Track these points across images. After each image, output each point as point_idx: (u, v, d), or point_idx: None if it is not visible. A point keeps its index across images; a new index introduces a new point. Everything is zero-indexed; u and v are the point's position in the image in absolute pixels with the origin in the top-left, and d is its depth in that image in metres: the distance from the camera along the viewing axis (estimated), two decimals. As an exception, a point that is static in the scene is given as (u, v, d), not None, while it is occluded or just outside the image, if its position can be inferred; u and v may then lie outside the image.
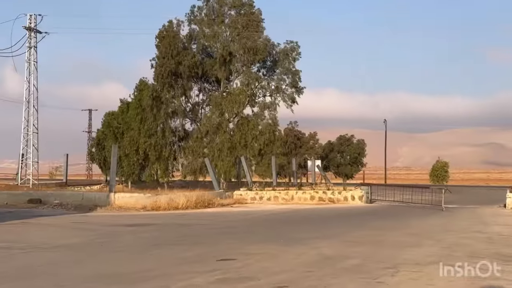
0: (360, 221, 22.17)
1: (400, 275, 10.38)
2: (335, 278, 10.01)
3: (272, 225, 20.66)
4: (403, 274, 10.50)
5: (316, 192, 33.85)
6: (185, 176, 51.04)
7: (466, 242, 14.99)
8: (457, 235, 16.86)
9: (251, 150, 45.78)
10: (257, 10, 47.34)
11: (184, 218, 22.96)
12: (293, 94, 47.50)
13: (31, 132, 49.87)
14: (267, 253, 12.88)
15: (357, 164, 77.00)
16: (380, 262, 11.59)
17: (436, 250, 13.44)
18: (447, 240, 15.47)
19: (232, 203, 32.11)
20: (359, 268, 11.03)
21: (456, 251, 13.30)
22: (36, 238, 15.97)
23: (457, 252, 13.05)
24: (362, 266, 11.22)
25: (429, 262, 11.62)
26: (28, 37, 49.14)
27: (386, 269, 10.91)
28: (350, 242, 15.01)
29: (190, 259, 12.18)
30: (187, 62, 45.21)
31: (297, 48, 47.57)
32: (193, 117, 48.50)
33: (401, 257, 12.26)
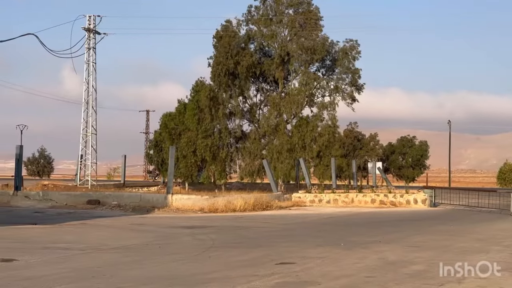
0: (424, 225, 21.56)
1: (467, 282, 9.95)
2: (398, 284, 9.64)
3: (332, 229, 20.26)
4: (470, 281, 10.06)
5: (377, 195, 33.22)
6: (242, 178, 50.98)
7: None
8: (527, 241, 16.15)
9: (310, 151, 45.38)
10: (315, 8, 46.86)
11: (242, 221, 22.78)
12: (352, 93, 46.86)
13: (89, 133, 50.62)
14: (327, 257, 12.55)
15: (420, 167, 75.50)
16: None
17: (504, 256, 12.87)
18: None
19: (290, 205, 31.82)
20: (423, 274, 10.62)
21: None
22: (95, 239, 16.02)
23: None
24: (427, 272, 10.80)
25: (497, 269, 11.05)
26: (87, 38, 49.90)
27: (451, 276, 10.43)
28: (413, 246, 14.52)
29: (248, 262, 11.96)
30: (245, 62, 45.09)
31: (357, 46, 46.88)
32: (250, 118, 48.37)
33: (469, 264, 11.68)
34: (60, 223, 20.52)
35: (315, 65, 47.43)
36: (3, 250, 13.12)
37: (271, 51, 47.72)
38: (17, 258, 11.96)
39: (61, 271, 10.57)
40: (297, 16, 46.29)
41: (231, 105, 46.77)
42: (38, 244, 14.43)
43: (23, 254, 12.54)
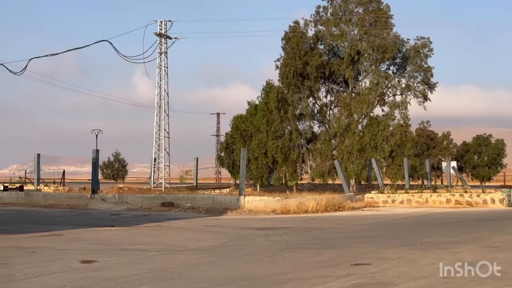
0: (502, 225, 20.95)
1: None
2: (478, 285, 9.39)
3: (407, 229, 19.93)
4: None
5: (452, 195, 32.53)
6: (313, 178, 50.87)
7: None
8: None
9: (382, 151, 44.93)
10: (385, 6, 46.40)
11: (314, 222, 22.70)
12: (425, 91, 46.11)
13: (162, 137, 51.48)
14: (403, 258, 12.36)
15: (496, 166, 73.46)
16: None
17: None
18: None
19: (363, 206, 31.54)
20: (502, 275, 10.29)
21: None
22: (170, 240, 16.27)
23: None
24: (506, 273, 10.47)
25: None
26: (158, 43, 50.78)
27: None
28: (492, 247, 14.12)
29: (323, 263, 11.91)
30: (314, 62, 45.01)
31: (428, 44, 46.17)
32: (320, 119, 48.24)
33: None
34: (136, 225, 20.95)
35: (385, 64, 46.93)
36: (83, 252, 13.49)
37: (341, 51, 47.49)
38: (97, 259, 12.27)
39: (140, 272, 10.79)
40: (366, 15, 45.88)
41: (300, 106, 46.76)
42: (116, 246, 14.76)
43: (102, 255, 12.85)
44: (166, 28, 50.78)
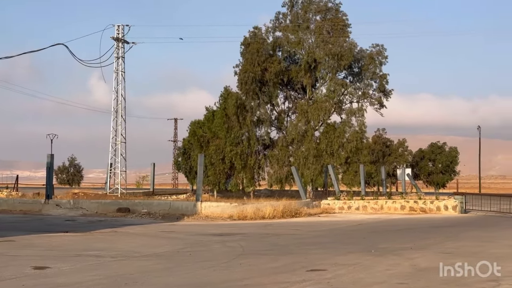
0: (455, 231, 21.31)
1: (504, 285, 9.85)
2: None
3: (362, 235, 20.13)
4: (506, 287, 9.89)
5: (407, 202, 32.94)
6: (271, 185, 50.98)
7: None
8: (561, 247, 15.89)
9: (338, 158, 45.28)
10: (342, 14, 46.83)
11: (271, 228, 22.76)
12: (380, 98, 46.70)
13: (119, 142, 50.98)
14: (358, 264, 12.48)
15: (449, 173, 74.82)
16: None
17: (539, 263, 12.64)
18: (549, 252, 14.58)
19: (319, 212, 31.72)
20: (457, 281, 10.48)
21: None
22: (126, 246, 16.12)
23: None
24: (460, 279, 10.65)
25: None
26: (115, 47, 50.33)
27: (486, 282, 10.34)
28: (445, 253, 14.36)
29: (279, 269, 11.94)
30: (273, 68, 45.16)
31: (383, 51, 46.79)
32: (278, 125, 48.43)
33: (505, 270, 11.55)
34: (91, 231, 20.69)
35: (342, 72, 47.37)
36: (36, 258, 13.26)
37: (299, 58, 47.74)
38: (50, 265, 12.08)
39: (94, 278, 10.66)
40: (324, 23, 46.26)
41: (259, 113, 46.84)
42: (70, 252, 14.57)
43: (55, 261, 12.66)
44: (123, 33, 50.36)
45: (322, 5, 46.87)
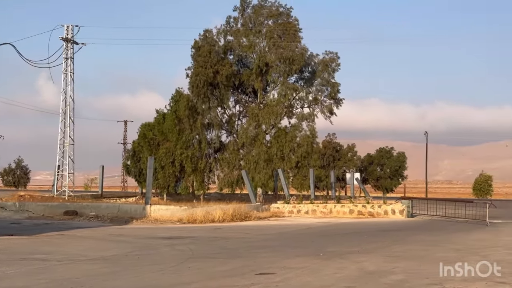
0: (402, 235, 21.67)
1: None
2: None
3: (311, 239, 20.29)
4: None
5: (355, 206, 33.33)
6: (221, 188, 50.88)
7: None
8: (503, 251, 16.31)
9: (288, 162, 45.44)
10: (294, 19, 47.05)
11: (220, 231, 22.74)
12: (331, 106, 47.05)
13: (67, 144, 50.13)
14: (307, 267, 12.56)
15: (397, 177, 75.99)
16: (424, 278, 11.22)
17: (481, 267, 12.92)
18: (493, 256, 14.89)
19: (269, 216, 31.81)
20: (402, 284, 10.69)
21: (503, 267, 12.76)
22: (73, 250, 15.89)
23: (504, 269, 12.52)
24: (406, 282, 10.87)
25: (476, 279, 11.18)
26: (65, 48, 49.49)
27: (431, 285, 10.57)
28: (392, 257, 14.58)
29: (228, 272, 11.94)
30: (225, 72, 45.05)
31: (336, 59, 47.13)
32: (229, 129, 48.36)
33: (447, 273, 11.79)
34: (37, 234, 20.32)
35: (294, 76, 47.59)
36: (-20, 261, 12.97)
37: (250, 61, 47.77)
38: (-6, 269, 11.83)
39: (39, 282, 10.48)
40: (276, 27, 46.44)
41: (210, 116, 46.68)
42: (15, 255, 14.28)
43: (0, 265, 12.39)
44: (73, 33, 49.54)
45: (274, 10, 47.02)
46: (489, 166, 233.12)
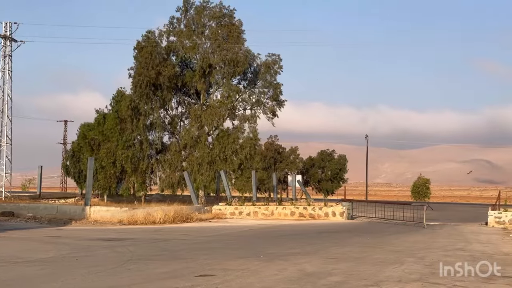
0: (341, 237, 21.94)
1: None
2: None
3: (252, 241, 20.35)
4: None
5: (296, 208, 33.58)
6: (162, 189, 50.55)
7: (448, 260, 14.77)
8: (439, 253, 16.69)
9: (231, 164, 45.44)
10: (237, 21, 47.05)
11: (161, 233, 22.59)
12: (274, 107, 47.29)
13: (4, 144, 49.01)
14: (247, 269, 12.60)
15: (338, 180, 76.90)
16: (362, 279, 11.39)
17: (418, 268, 13.25)
18: (429, 258, 15.27)
19: (210, 218, 31.78)
20: (340, 285, 10.83)
21: (438, 268, 13.09)
22: (9, 252, 15.53)
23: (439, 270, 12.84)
24: (344, 283, 11.01)
25: (412, 280, 11.46)
26: (3, 45, 48.39)
27: (368, 286, 10.74)
28: (331, 258, 14.75)
29: (168, 274, 11.87)
30: (167, 72, 44.70)
31: (279, 61, 47.39)
32: (171, 130, 48.04)
33: (383, 275, 12.05)
34: (-28, 235, 19.78)
35: (237, 78, 47.59)
36: None
37: (193, 63, 47.55)
38: None
39: (-28, 285, 10.21)
40: (219, 29, 46.37)
41: (152, 117, 46.29)
42: None
43: None
44: (11, 30, 48.47)
45: (217, 11, 46.91)
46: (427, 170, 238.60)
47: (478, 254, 16.43)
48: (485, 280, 11.60)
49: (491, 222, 30.35)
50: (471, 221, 33.81)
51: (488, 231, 27.18)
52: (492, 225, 30.08)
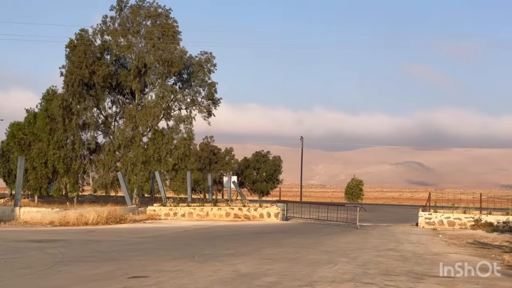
0: (276, 238, 22.01)
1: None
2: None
3: (187, 242, 20.19)
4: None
5: (231, 209, 33.58)
6: (95, 190, 49.84)
7: (380, 260, 15.03)
8: (371, 253, 16.93)
9: (166, 164, 45.15)
10: (173, 21, 46.80)
11: (94, 234, 22.18)
12: (209, 106, 47.26)
13: None
14: (181, 270, 12.47)
15: (273, 181, 77.34)
16: (297, 280, 11.42)
17: (351, 268, 13.37)
18: (361, 258, 15.46)
19: (145, 219, 31.46)
20: (275, 286, 10.82)
21: (370, 268, 13.30)
22: None
23: (371, 270, 13.05)
24: (278, 284, 11.01)
25: (345, 280, 11.54)
26: None
27: (302, 286, 10.77)
28: (266, 259, 14.76)
29: (100, 276, 11.64)
30: (101, 72, 44.03)
31: (212, 59, 47.40)
32: (105, 130, 47.32)
33: (317, 275, 12.12)
34: None
35: (172, 78, 47.35)
36: None
37: (128, 62, 47.01)
38: None
39: None
40: (154, 28, 45.97)
41: (85, 116, 45.46)
42: None
43: None
44: None
45: (152, 11, 46.54)
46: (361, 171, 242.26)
47: (409, 255, 16.74)
48: (416, 280, 11.81)
49: (421, 223, 31.04)
50: (403, 222, 34.51)
51: (418, 231, 27.77)
52: (422, 225, 30.77)
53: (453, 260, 15.54)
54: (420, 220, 31.23)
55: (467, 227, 30.11)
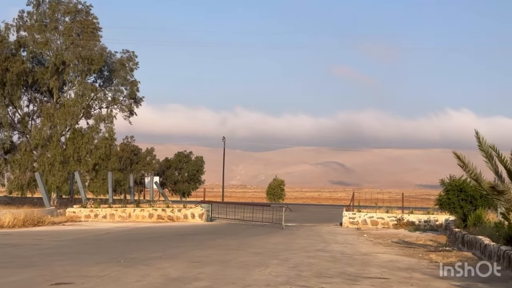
0: (203, 239, 21.63)
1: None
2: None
3: (110, 245, 19.49)
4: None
5: (155, 210, 32.99)
6: (11, 191, 48.03)
7: (311, 261, 14.87)
8: (301, 254, 16.78)
9: (86, 164, 44.03)
10: (93, 17, 45.64)
11: (10, 238, 21.15)
12: (131, 105, 46.47)
13: None
14: (107, 275, 11.86)
15: (195, 182, 76.75)
16: (230, 284, 11.07)
17: (283, 270, 13.12)
18: (292, 260, 15.25)
19: (64, 221, 30.50)
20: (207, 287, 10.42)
21: (303, 270, 13.09)
22: None
23: (304, 272, 12.85)
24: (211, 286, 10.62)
25: (279, 283, 11.27)
26: None
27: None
28: (195, 262, 14.32)
29: (19, 283, 10.94)
30: (16, 69, 42.32)
31: (134, 58, 46.72)
32: (22, 129, 45.57)
33: (251, 278, 11.79)
34: None
35: (92, 76, 46.29)
36: None
37: (46, 59, 45.51)
38: None
39: None
40: (73, 24, 44.65)
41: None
42: None
43: None
44: None
45: (72, 6, 45.17)
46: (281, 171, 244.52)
47: (339, 255, 16.67)
48: (351, 282, 11.65)
49: (345, 222, 31.31)
50: (327, 221, 34.72)
51: (343, 231, 27.98)
52: (346, 225, 31.05)
53: (382, 260, 15.57)
54: (344, 219, 31.50)
55: (390, 226, 30.59)
